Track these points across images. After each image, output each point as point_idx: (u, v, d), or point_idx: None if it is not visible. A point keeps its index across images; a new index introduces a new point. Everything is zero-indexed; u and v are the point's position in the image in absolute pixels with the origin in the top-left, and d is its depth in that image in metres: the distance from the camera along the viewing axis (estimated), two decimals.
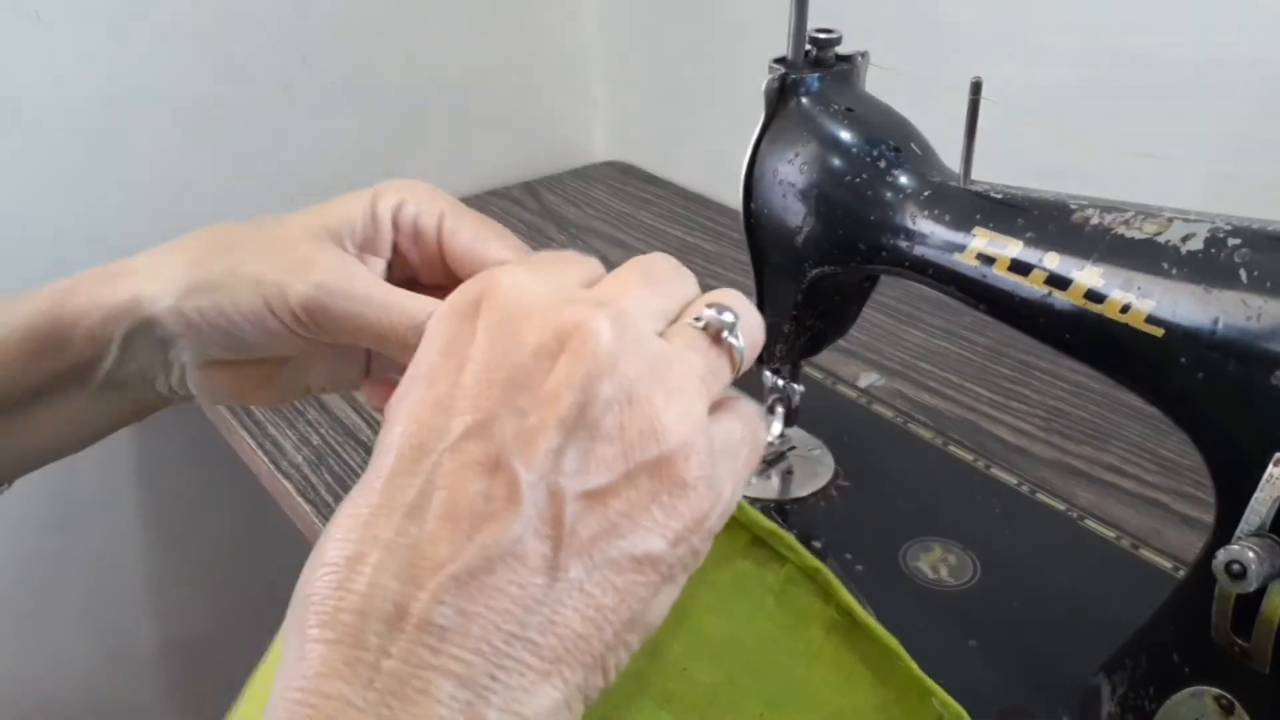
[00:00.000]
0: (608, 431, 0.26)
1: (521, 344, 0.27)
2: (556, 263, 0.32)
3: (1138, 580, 0.59)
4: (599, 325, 0.27)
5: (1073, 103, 0.82)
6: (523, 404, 0.26)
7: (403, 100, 1.13)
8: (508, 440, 0.26)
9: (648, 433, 0.26)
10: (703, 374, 0.29)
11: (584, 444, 0.26)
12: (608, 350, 0.27)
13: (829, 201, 0.54)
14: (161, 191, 0.99)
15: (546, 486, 0.25)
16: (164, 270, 0.37)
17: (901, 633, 0.55)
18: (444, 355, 0.28)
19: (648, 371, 0.27)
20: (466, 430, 0.26)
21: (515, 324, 0.27)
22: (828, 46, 0.55)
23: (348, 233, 0.37)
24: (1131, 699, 0.44)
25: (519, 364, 0.27)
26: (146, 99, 0.96)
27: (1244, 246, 0.39)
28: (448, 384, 0.27)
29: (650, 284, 0.30)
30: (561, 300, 0.28)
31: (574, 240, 1.08)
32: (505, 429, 0.26)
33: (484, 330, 0.28)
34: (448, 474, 0.25)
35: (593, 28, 1.25)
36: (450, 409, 0.26)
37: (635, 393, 0.27)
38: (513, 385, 0.26)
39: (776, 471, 0.69)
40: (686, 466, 0.27)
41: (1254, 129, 0.73)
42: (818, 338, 0.63)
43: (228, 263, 0.36)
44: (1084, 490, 0.67)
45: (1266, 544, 0.36)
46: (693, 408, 0.28)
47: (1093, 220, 0.44)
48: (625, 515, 0.26)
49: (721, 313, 0.30)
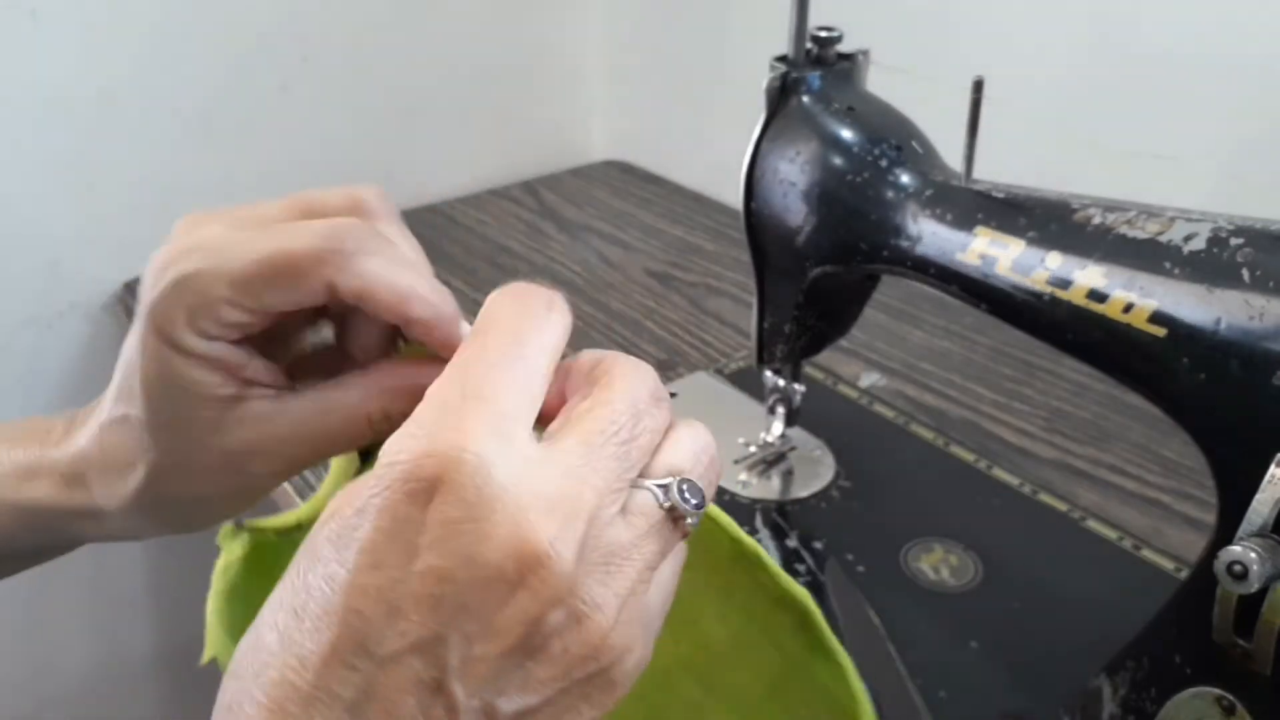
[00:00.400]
0: (551, 655, 0.26)
1: (478, 564, 0.25)
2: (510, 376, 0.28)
3: (1139, 581, 0.59)
4: (560, 554, 0.26)
5: (1075, 102, 0.82)
6: (470, 630, 0.25)
7: (402, 99, 1.12)
8: (453, 665, 0.25)
9: (590, 656, 0.26)
10: (655, 562, 0.28)
11: (526, 666, 0.26)
12: (567, 578, 0.26)
13: (830, 200, 0.54)
14: (159, 191, 0.99)
15: (483, 709, 0.25)
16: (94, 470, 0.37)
17: (903, 634, 0.55)
18: (389, 535, 0.25)
19: (601, 585, 0.27)
20: (411, 644, 0.25)
21: (475, 535, 0.25)
22: (829, 45, 0.55)
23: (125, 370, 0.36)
24: (1133, 700, 0.44)
25: (473, 586, 0.25)
26: (144, 98, 0.96)
27: (1247, 246, 0.38)
28: (392, 575, 0.25)
29: (626, 446, 0.28)
30: (527, 504, 0.26)
31: (574, 240, 1.08)
32: (452, 655, 0.25)
33: (439, 528, 0.25)
34: (388, 687, 0.25)
35: (593, 27, 1.25)
36: (396, 612, 0.25)
37: (586, 614, 0.26)
38: (463, 608, 0.25)
39: (777, 472, 0.69)
40: (620, 669, 0.27)
41: (1257, 128, 0.73)
42: (819, 337, 0.63)
43: None
44: (1086, 491, 0.67)
45: (1268, 545, 0.35)
46: (639, 609, 0.28)
47: (1095, 220, 0.44)
48: (553, 717, 0.27)
49: (688, 496, 0.29)
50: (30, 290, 0.97)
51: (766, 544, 0.63)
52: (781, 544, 0.63)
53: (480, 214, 1.15)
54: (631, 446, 0.28)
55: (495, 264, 1.02)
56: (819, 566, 0.61)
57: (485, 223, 1.12)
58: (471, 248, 1.06)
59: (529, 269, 1.01)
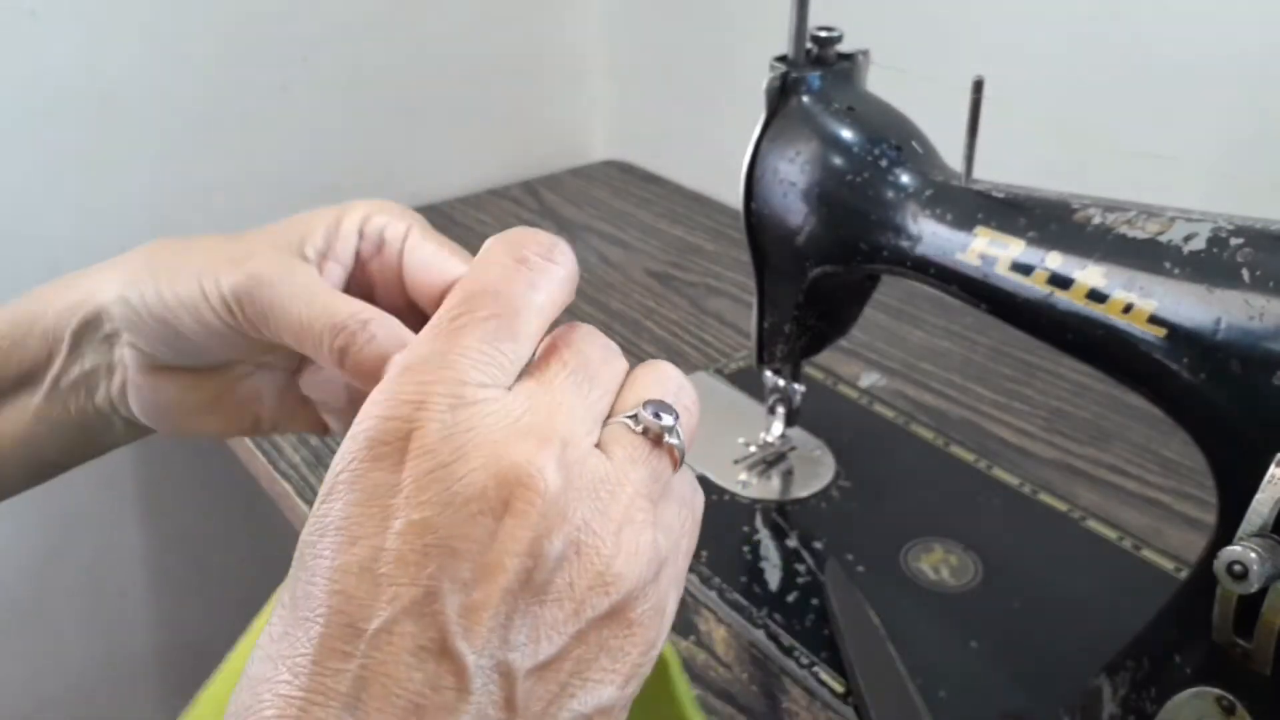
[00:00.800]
0: (557, 593, 0.24)
1: (459, 502, 0.24)
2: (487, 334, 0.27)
3: (1139, 581, 0.59)
4: (545, 473, 0.24)
5: (1075, 101, 0.82)
6: (464, 575, 0.23)
7: (402, 99, 1.12)
8: (451, 620, 0.23)
9: (598, 586, 0.25)
10: (646, 489, 0.27)
11: (533, 611, 0.24)
12: (555, 501, 0.24)
13: (830, 200, 0.54)
14: (159, 191, 0.99)
15: (496, 667, 0.23)
16: (118, 267, 0.37)
17: (903, 634, 0.55)
18: (363, 505, 0.24)
19: (594, 511, 0.25)
20: (403, 608, 0.23)
21: (450, 477, 0.24)
22: (829, 45, 0.55)
23: (308, 242, 0.36)
24: (1133, 700, 0.44)
25: (457, 527, 0.23)
26: (144, 97, 0.96)
27: (1246, 246, 0.38)
28: (371, 544, 0.24)
29: (584, 384, 0.28)
30: (499, 437, 0.25)
31: (574, 240, 1.08)
32: (447, 607, 0.23)
33: (412, 481, 0.24)
34: (385, 662, 0.23)
35: (593, 26, 1.25)
36: (380, 579, 0.23)
37: (583, 541, 0.25)
38: (451, 553, 0.23)
39: (777, 472, 0.69)
40: (635, 607, 0.26)
41: (1257, 128, 0.73)
42: (819, 337, 0.63)
43: (178, 259, 0.36)
44: (1086, 491, 0.67)
45: (1268, 545, 0.35)
46: (641, 538, 0.26)
47: (1095, 220, 0.44)
48: (575, 674, 0.25)
49: (660, 414, 0.28)
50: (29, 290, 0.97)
51: (766, 544, 0.63)
52: (781, 544, 0.63)
53: (480, 214, 1.15)
54: (592, 385, 0.28)
55: None
56: (819, 566, 0.61)
57: (485, 223, 1.12)
58: (471, 248, 1.05)
59: None
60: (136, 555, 1.13)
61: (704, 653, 0.57)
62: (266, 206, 1.06)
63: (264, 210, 1.05)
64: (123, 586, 1.14)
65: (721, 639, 0.58)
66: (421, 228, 0.37)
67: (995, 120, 0.50)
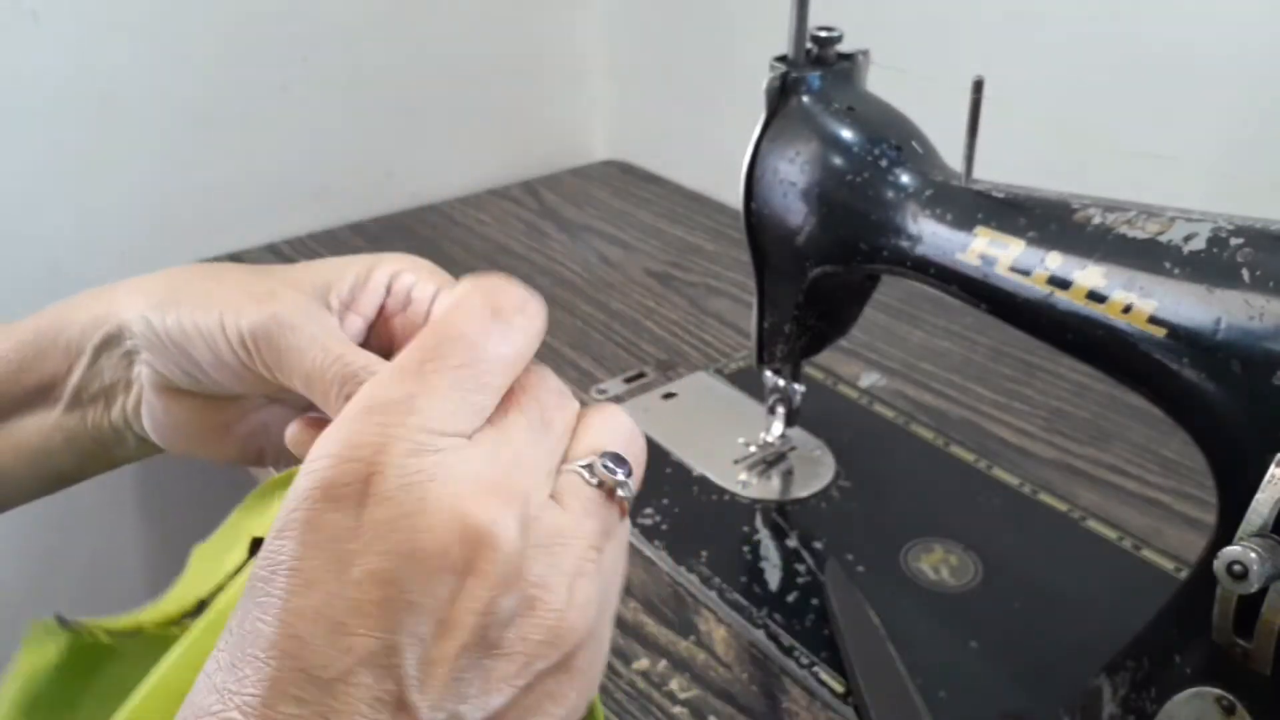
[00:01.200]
0: (509, 647, 0.25)
1: (420, 556, 0.24)
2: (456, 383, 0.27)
3: (1139, 581, 0.59)
4: (509, 533, 0.25)
5: (1075, 101, 0.82)
6: (423, 631, 0.24)
7: (403, 99, 1.13)
8: (409, 674, 0.23)
9: (548, 641, 0.25)
10: (597, 541, 0.27)
11: (484, 665, 0.25)
12: (512, 559, 0.25)
13: (830, 201, 0.54)
14: (160, 192, 0.99)
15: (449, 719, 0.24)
16: (144, 286, 0.37)
17: (903, 634, 0.55)
18: (319, 548, 0.24)
19: (548, 566, 0.26)
20: (360, 659, 0.23)
21: (411, 528, 0.24)
22: (829, 45, 0.55)
23: (334, 290, 0.37)
24: (1133, 700, 0.44)
25: (419, 581, 0.24)
26: (144, 98, 0.96)
27: (1246, 246, 0.38)
28: (328, 590, 0.23)
29: (541, 431, 0.28)
30: (462, 491, 0.25)
31: (575, 240, 1.08)
32: (406, 661, 0.23)
33: (372, 529, 0.24)
34: (340, 711, 0.23)
35: (593, 27, 1.25)
36: (336, 626, 0.23)
37: (537, 597, 0.25)
38: (410, 607, 0.23)
39: (777, 472, 0.69)
40: (581, 656, 0.26)
41: (1257, 128, 0.73)
42: (819, 337, 0.63)
43: (204, 287, 0.36)
44: (1086, 491, 0.67)
45: (1268, 545, 0.35)
46: (590, 591, 0.27)
47: (1095, 220, 0.44)
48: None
49: (614, 468, 0.28)
50: (30, 291, 0.97)
51: (766, 544, 0.63)
52: (781, 544, 0.63)
53: (480, 214, 1.15)
54: (547, 433, 0.28)
55: (495, 264, 1.02)
56: (819, 566, 0.61)
57: (485, 223, 1.12)
58: (471, 248, 1.06)
59: (529, 269, 1.01)
60: (138, 553, 1.13)
61: (704, 653, 0.57)
62: (266, 206, 1.06)
63: (264, 210, 1.06)
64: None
65: (721, 639, 0.58)
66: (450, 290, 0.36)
67: (995, 120, 0.50)
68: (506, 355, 0.28)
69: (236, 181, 1.04)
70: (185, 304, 0.36)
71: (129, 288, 0.38)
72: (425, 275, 0.38)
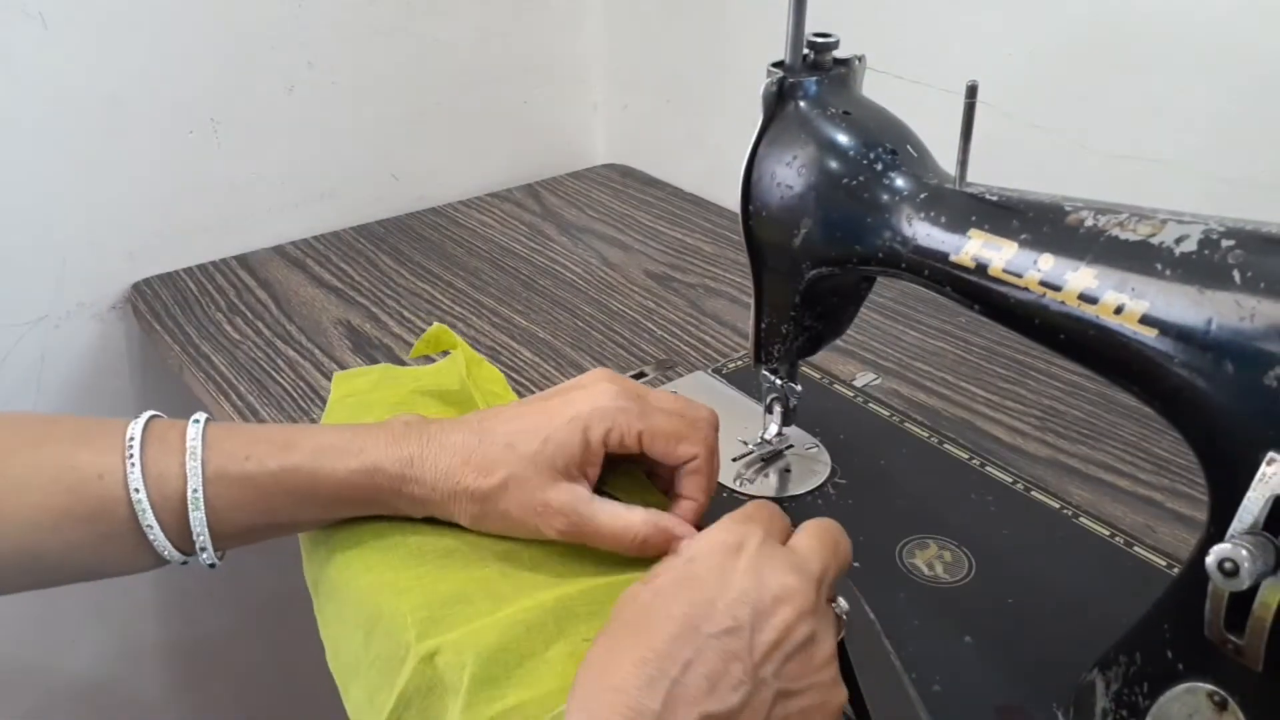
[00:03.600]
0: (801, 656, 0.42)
1: (768, 590, 0.43)
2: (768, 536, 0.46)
3: (1132, 577, 0.60)
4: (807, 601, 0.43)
5: (1068, 105, 0.83)
6: (761, 626, 0.42)
7: (406, 103, 1.13)
8: (749, 645, 0.41)
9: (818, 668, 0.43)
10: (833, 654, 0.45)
11: (787, 662, 0.42)
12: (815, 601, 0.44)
13: (826, 203, 0.55)
14: (167, 193, 1.00)
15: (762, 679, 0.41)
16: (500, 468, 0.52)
17: (898, 629, 0.56)
18: (713, 572, 0.43)
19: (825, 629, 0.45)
20: (726, 629, 0.41)
21: (766, 575, 0.43)
22: (825, 50, 0.56)
23: (564, 460, 0.51)
24: (1125, 695, 0.44)
25: (763, 600, 0.42)
26: (152, 100, 0.96)
27: (1237, 248, 0.39)
28: (712, 592, 0.42)
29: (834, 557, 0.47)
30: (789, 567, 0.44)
31: (575, 241, 1.08)
32: (754, 639, 0.41)
33: (747, 565, 0.44)
34: (709, 657, 0.40)
35: (594, 31, 1.26)
36: (715, 613, 0.42)
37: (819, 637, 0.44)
38: (758, 612, 0.42)
39: (774, 470, 0.70)
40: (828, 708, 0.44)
41: (1247, 131, 0.73)
42: (815, 338, 0.63)
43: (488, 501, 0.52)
44: (1078, 488, 0.68)
45: (1259, 542, 0.36)
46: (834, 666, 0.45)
47: (1087, 222, 0.44)
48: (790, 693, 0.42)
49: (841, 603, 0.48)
50: (39, 291, 0.97)
51: None
52: None
53: (483, 216, 1.15)
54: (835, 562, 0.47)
55: (498, 265, 1.03)
56: None
57: (488, 225, 1.13)
58: (474, 249, 1.07)
59: (531, 270, 1.01)
60: None
61: None
62: (273, 208, 1.06)
63: (271, 212, 1.06)
64: (132, 578, 1.14)
65: None
66: (649, 426, 0.53)
67: (989, 124, 0.50)
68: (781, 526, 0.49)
69: (243, 183, 1.04)
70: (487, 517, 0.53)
71: None
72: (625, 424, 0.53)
